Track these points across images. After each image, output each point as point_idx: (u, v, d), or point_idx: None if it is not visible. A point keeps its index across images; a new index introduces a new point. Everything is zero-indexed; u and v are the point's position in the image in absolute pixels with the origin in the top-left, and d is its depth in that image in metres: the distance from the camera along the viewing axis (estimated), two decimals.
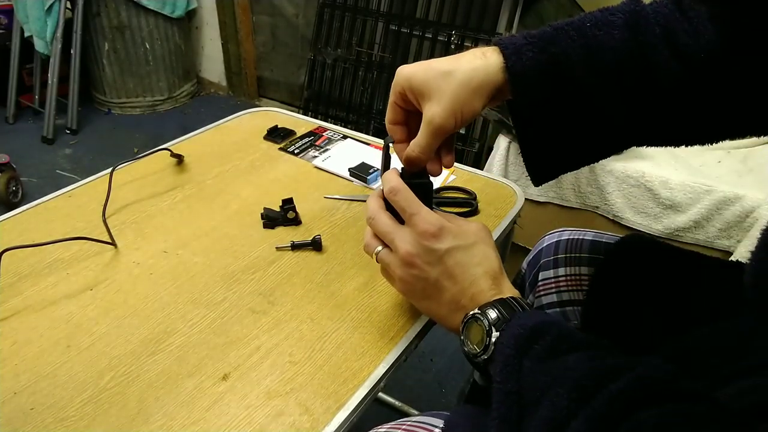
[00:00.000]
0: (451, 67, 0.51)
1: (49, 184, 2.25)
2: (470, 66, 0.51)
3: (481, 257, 0.52)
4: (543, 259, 0.76)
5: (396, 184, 0.53)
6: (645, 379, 0.36)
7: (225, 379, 0.55)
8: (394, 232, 0.53)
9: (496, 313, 0.47)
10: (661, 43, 0.50)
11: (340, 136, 1.01)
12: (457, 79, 0.51)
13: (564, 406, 0.37)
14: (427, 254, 0.51)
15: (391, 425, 0.54)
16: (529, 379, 0.41)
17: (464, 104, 0.51)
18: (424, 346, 1.52)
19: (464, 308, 0.51)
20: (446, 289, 0.52)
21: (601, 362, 0.39)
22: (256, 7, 2.74)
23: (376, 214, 0.55)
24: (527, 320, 0.45)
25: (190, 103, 2.99)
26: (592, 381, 0.37)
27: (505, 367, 0.43)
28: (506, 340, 0.45)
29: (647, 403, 0.35)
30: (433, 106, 0.52)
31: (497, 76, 0.51)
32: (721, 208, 1.33)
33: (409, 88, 0.53)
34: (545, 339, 0.43)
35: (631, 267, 0.67)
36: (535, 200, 1.60)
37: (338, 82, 2.31)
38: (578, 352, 0.41)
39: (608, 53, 0.51)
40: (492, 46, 0.53)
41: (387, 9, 2.15)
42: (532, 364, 0.42)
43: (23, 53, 2.58)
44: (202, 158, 0.92)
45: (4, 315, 0.62)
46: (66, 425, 0.51)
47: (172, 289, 0.66)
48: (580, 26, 0.52)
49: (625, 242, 0.70)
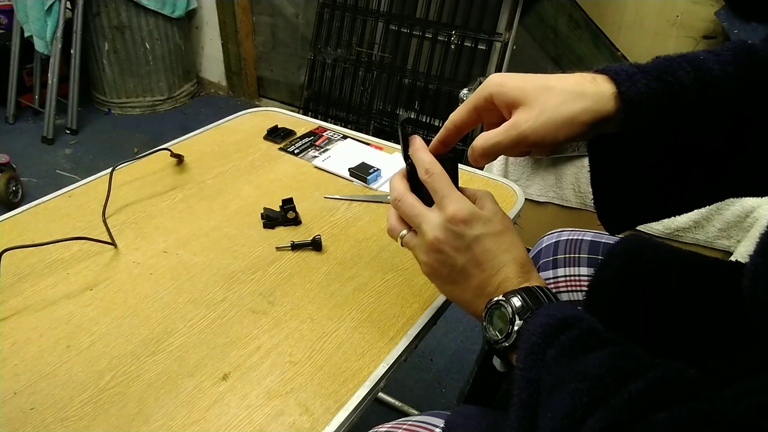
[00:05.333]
0: (555, 83, 0.48)
1: (49, 184, 2.25)
2: (579, 88, 0.47)
3: (509, 244, 0.50)
4: (542, 259, 0.76)
5: (430, 166, 0.51)
6: (665, 382, 0.36)
7: (225, 379, 0.55)
8: (422, 215, 0.51)
9: (520, 302, 0.46)
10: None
11: (340, 136, 1.01)
12: (561, 97, 0.47)
13: (584, 402, 0.37)
14: (456, 240, 0.49)
15: (392, 425, 0.54)
16: (552, 369, 0.41)
17: (560, 125, 0.47)
18: (424, 346, 1.52)
19: (490, 295, 0.50)
20: (473, 276, 0.50)
21: (625, 361, 0.39)
22: (256, 7, 2.74)
23: (403, 196, 0.52)
24: (556, 311, 0.45)
25: (190, 103, 2.99)
26: (614, 380, 0.37)
27: (529, 355, 0.43)
28: (533, 328, 0.44)
29: (664, 405, 0.35)
30: (525, 113, 0.47)
31: (608, 103, 0.47)
32: (721, 208, 1.33)
33: (501, 92, 0.49)
34: (572, 332, 0.43)
35: (631, 267, 0.67)
36: (535, 200, 1.60)
37: (338, 82, 2.31)
38: (603, 349, 0.41)
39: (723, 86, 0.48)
40: (599, 74, 0.48)
41: (387, 9, 2.15)
42: (556, 354, 0.42)
43: (23, 53, 2.58)
44: (202, 158, 0.92)
45: (4, 315, 0.62)
46: (66, 425, 0.51)
47: (172, 289, 0.66)
48: (693, 59, 0.49)
49: (624, 242, 0.70)
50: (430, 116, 2.10)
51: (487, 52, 1.95)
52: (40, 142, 2.54)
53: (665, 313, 0.62)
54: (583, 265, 0.72)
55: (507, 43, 1.93)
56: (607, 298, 0.67)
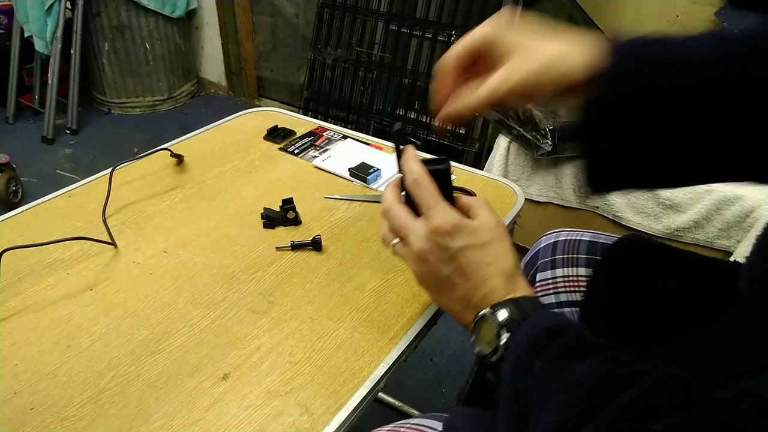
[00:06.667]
0: (542, 40, 0.49)
1: (49, 184, 2.25)
2: (562, 48, 0.49)
3: (495, 256, 0.50)
4: (540, 260, 0.76)
5: (419, 176, 0.51)
6: (658, 389, 0.36)
7: (225, 379, 0.55)
8: (408, 227, 0.52)
9: (506, 314, 0.46)
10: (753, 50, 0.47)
11: (340, 136, 1.01)
12: (548, 56, 0.48)
13: (574, 414, 0.36)
14: (440, 251, 0.50)
15: (390, 428, 0.54)
16: (540, 381, 0.41)
17: (540, 85, 0.48)
18: (424, 346, 1.52)
19: (476, 306, 0.50)
20: (458, 286, 0.51)
21: (615, 368, 0.39)
22: (256, 7, 2.74)
23: (391, 207, 0.53)
24: (542, 321, 0.45)
25: (190, 103, 2.99)
26: (605, 389, 0.37)
27: (516, 367, 0.43)
28: (519, 339, 0.44)
29: (658, 414, 0.34)
30: (514, 67, 0.48)
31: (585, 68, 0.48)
32: (721, 208, 1.33)
33: (494, 42, 0.50)
34: (559, 341, 0.42)
35: (629, 267, 0.67)
36: (535, 200, 1.60)
37: (338, 82, 2.31)
38: (592, 357, 0.41)
39: (698, 53, 0.48)
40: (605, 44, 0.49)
41: (387, 9, 2.15)
42: (544, 365, 0.41)
43: (23, 53, 2.58)
44: (202, 158, 0.92)
45: (4, 315, 0.62)
46: (66, 425, 0.51)
47: (172, 289, 0.66)
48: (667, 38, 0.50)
49: (622, 242, 0.70)
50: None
51: None
52: (40, 142, 2.54)
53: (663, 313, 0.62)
54: (581, 265, 0.72)
55: None
56: (606, 298, 0.67)
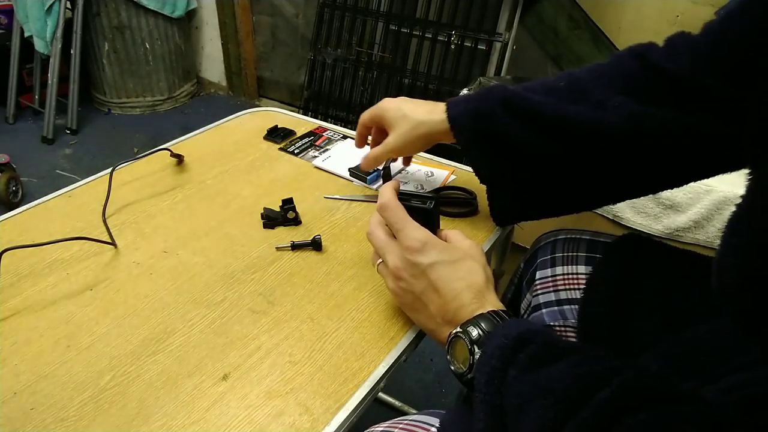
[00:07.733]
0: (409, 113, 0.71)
1: (49, 184, 2.25)
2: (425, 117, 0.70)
3: (465, 272, 0.53)
4: (540, 258, 0.76)
5: (386, 200, 0.56)
6: (631, 385, 0.36)
7: (225, 379, 0.55)
8: (385, 247, 0.56)
9: (477, 331, 0.48)
10: None
11: (340, 136, 1.01)
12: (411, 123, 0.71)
13: (551, 418, 0.37)
14: (412, 268, 0.54)
15: (388, 424, 0.54)
16: (515, 390, 0.41)
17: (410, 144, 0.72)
18: (424, 346, 1.52)
19: (449, 323, 0.52)
20: (432, 302, 0.53)
21: (588, 369, 0.39)
22: (256, 7, 2.74)
23: (373, 229, 0.58)
24: (510, 330, 0.45)
25: (190, 103, 3.00)
26: (579, 391, 0.37)
27: (490, 379, 0.43)
28: (490, 351, 0.45)
29: (635, 408, 0.35)
30: (392, 136, 0.73)
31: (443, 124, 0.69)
32: (721, 208, 1.33)
33: (382, 117, 0.75)
34: (530, 347, 0.43)
35: (628, 265, 0.67)
36: None
37: (338, 82, 2.31)
38: (563, 360, 0.41)
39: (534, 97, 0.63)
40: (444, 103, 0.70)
41: (387, 9, 2.15)
42: (517, 374, 0.42)
43: (23, 53, 2.58)
44: (202, 158, 0.92)
45: (4, 315, 0.62)
46: (66, 425, 0.51)
47: (172, 289, 0.66)
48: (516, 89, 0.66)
49: (622, 241, 0.70)
50: None
51: (487, 52, 1.95)
52: (40, 142, 2.54)
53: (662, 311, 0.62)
54: (581, 263, 0.72)
55: (507, 43, 1.93)
56: (605, 296, 0.67)
